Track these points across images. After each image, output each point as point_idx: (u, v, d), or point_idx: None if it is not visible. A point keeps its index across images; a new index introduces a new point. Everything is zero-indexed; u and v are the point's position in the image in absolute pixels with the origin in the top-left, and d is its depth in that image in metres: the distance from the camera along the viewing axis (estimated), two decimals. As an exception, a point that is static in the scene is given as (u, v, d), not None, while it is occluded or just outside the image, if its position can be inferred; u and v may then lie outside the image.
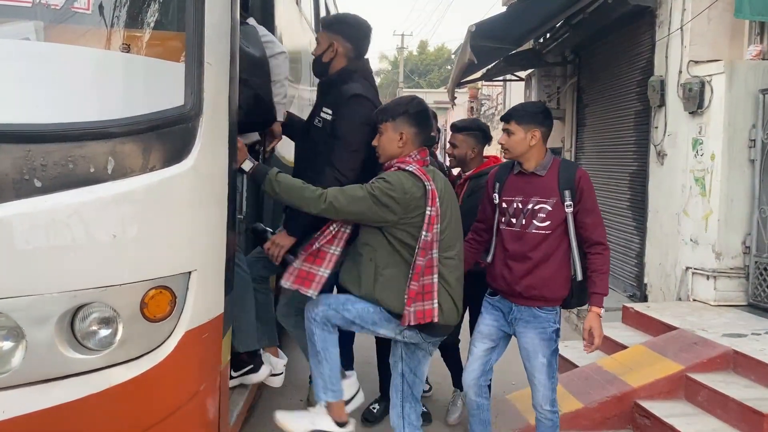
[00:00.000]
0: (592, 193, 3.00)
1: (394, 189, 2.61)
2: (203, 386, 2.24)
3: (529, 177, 3.00)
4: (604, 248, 2.95)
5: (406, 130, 2.74)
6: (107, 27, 2.15)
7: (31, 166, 1.93)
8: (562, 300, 3.02)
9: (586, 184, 2.97)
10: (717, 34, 5.66)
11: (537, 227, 2.92)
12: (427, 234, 2.63)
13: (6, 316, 1.94)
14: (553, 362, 3.04)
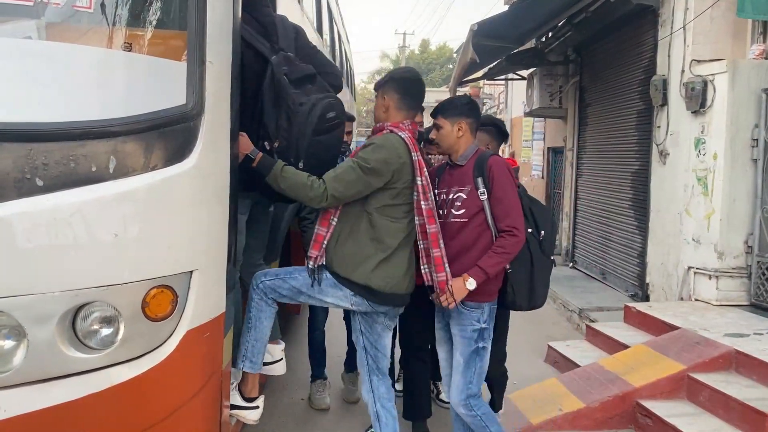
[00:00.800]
0: (503, 180, 2.87)
1: (385, 150, 2.70)
2: (204, 385, 2.24)
3: (454, 168, 3.01)
4: (512, 234, 2.81)
5: (389, 96, 2.86)
6: (109, 26, 2.15)
7: (32, 165, 1.93)
8: (490, 297, 2.93)
9: (497, 171, 2.87)
10: (719, 34, 5.65)
11: (454, 216, 2.90)
12: (426, 203, 2.75)
13: (7, 314, 1.94)
14: (473, 363, 2.93)
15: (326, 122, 2.72)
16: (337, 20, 8.59)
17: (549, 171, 11.54)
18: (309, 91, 2.75)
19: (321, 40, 6.23)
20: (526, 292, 2.98)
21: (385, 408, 2.97)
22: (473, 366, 2.93)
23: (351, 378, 4.41)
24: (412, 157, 2.75)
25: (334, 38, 8.02)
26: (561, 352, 5.20)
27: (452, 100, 3.12)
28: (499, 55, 9.09)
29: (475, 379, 2.95)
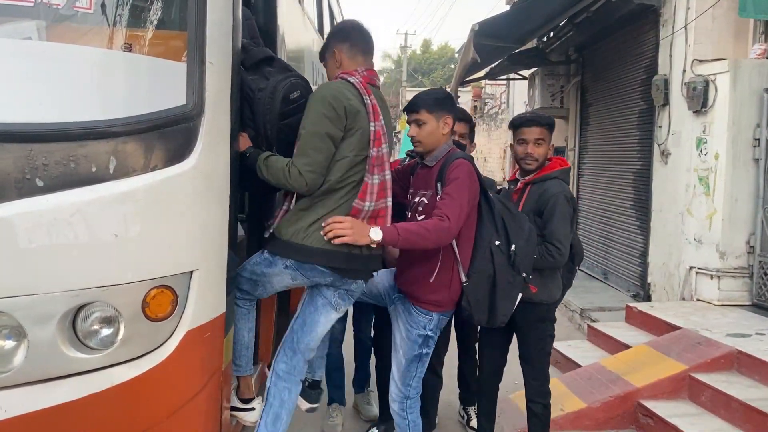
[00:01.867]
0: (459, 182, 2.65)
1: (320, 93, 2.51)
2: (205, 386, 2.24)
3: (423, 169, 2.85)
4: (441, 219, 2.58)
5: (337, 48, 2.70)
6: (109, 26, 2.15)
7: (33, 166, 1.93)
8: (439, 308, 2.78)
9: (456, 173, 2.66)
10: (721, 33, 5.65)
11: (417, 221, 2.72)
12: (378, 150, 2.55)
13: (8, 315, 1.94)
14: (414, 367, 2.87)
15: (291, 104, 2.60)
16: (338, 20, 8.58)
17: (551, 171, 11.50)
18: (269, 73, 2.64)
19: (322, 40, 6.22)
20: (485, 308, 2.78)
21: (277, 387, 2.74)
22: (414, 370, 2.88)
23: (363, 398, 4.17)
24: (364, 100, 2.53)
25: (336, 38, 8.00)
26: (562, 352, 5.19)
27: (430, 93, 2.88)
28: (501, 55, 9.08)
29: (414, 383, 2.90)
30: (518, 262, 2.79)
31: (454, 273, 2.75)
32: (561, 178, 3.18)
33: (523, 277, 2.82)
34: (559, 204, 3.05)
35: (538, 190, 3.14)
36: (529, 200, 3.14)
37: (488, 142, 20.92)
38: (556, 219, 3.05)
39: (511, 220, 2.84)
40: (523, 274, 2.81)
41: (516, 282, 2.81)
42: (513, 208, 2.95)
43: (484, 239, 2.77)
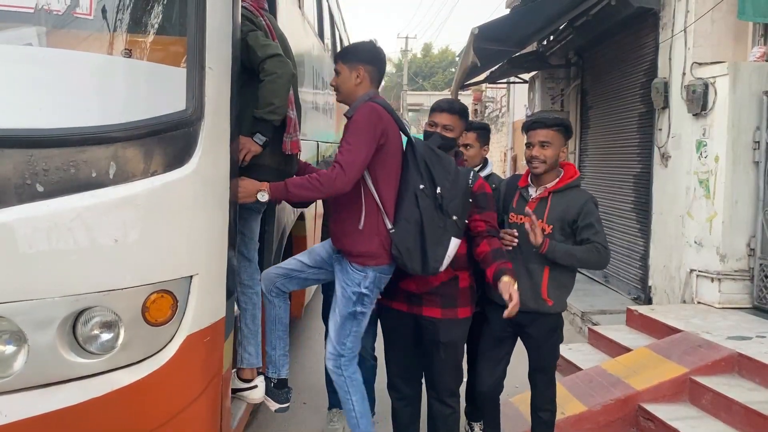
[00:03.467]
0: (353, 126, 2.66)
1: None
2: (205, 390, 2.24)
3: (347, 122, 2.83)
4: (332, 167, 2.59)
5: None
6: (109, 32, 2.16)
7: (33, 171, 1.94)
8: (373, 260, 2.74)
9: (354, 118, 2.67)
10: (721, 36, 5.66)
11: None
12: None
13: (8, 320, 1.95)
14: (349, 325, 2.82)
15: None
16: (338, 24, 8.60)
17: (551, 174, 11.50)
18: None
19: (322, 44, 6.24)
20: (417, 255, 2.70)
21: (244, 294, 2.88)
22: (349, 328, 2.83)
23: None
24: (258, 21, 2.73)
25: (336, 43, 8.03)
26: (563, 355, 5.18)
27: (355, 45, 2.94)
28: (501, 59, 9.10)
29: (348, 342, 2.85)
30: (446, 205, 2.72)
31: (380, 221, 2.73)
32: (580, 185, 3.19)
33: (455, 221, 2.74)
34: (591, 209, 3.06)
35: (563, 198, 3.08)
36: (554, 209, 3.07)
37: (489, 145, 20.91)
38: (595, 222, 3.03)
39: (436, 162, 2.77)
40: (453, 218, 2.73)
41: (447, 226, 2.73)
42: (439, 151, 2.86)
43: (409, 184, 2.73)
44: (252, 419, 3.93)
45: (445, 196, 2.72)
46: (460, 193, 2.78)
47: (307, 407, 4.30)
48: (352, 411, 2.88)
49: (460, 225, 2.78)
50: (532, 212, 3.01)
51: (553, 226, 3.05)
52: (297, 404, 4.36)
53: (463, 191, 2.79)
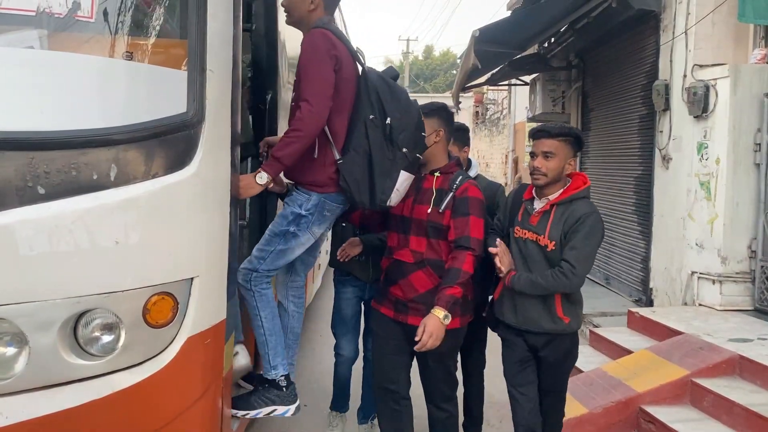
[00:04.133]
0: (303, 58, 2.58)
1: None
2: (205, 392, 2.24)
3: None
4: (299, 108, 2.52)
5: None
6: (110, 35, 2.17)
7: (34, 173, 1.95)
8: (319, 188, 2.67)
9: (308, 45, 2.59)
10: (721, 38, 5.66)
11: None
12: None
13: (9, 322, 1.95)
14: (273, 242, 2.69)
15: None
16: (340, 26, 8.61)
17: (552, 176, 11.49)
18: None
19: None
20: (365, 187, 2.62)
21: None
22: (274, 245, 2.69)
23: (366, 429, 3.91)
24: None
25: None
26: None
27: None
28: (502, 61, 9.10)
29: (268, 260, 2.70)
30: (395, 137, 2.64)
31: (328, 152, 2.66)
32: (587, 196, 2.91)
33: (405, 153, 2.66)
34: (588, 223, 2.77)
35: (565, 211, 2.83)
36: (556, 223, 2.84)
37: (490, 148, 20.92)
38: (579, 236, 2.75)
39: (387, 93, 2.68)
40: (403, 150, 2.65)
41: (397, 159, 2.65)
42: (392, 82, 2.75)
43: (359, 114, 2.65)
44: (252, 421, 3.93)
45: (394, 127, 2.65)
46: (411, 125, 2.70)
47: (308, 409, 4.29)
48: (261, 328, 2.74)
49: (410, 158, 2.69)
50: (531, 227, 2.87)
51: (555, 242, 2.80)
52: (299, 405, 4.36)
53: (415, 124, 2.72)
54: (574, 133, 2.91)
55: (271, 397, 2.78)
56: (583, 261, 2.75)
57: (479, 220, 2.83)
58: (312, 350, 5.45)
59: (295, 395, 2.86)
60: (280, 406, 2.80)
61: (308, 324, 5.95)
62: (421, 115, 2.78)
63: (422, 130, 2.77)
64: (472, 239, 2.78)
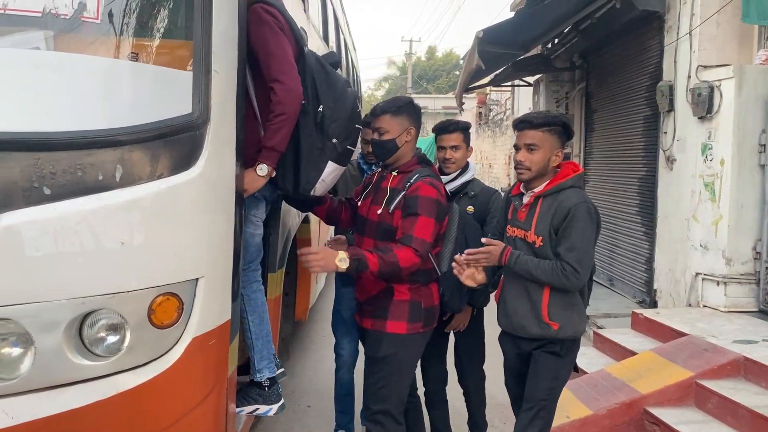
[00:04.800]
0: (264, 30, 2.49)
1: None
2: (210, 393, 2.25)
3: None
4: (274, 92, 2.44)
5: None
6: (116, 36, 2.17)
7: (40, 174, 1.95)
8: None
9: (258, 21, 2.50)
10: (726, 39, 5.65)
11: None
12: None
13: (15, 322, 1.96)
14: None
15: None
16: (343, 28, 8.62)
17: (556, 177, 11.49)
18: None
19: (327, 47, 6.25)
20: (290, 174, 2.57)
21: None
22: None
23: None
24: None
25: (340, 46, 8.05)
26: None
27: None
28: (505, 62, 9.09)
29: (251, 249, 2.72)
30: (326, 126, 2.57)
31: (254, 128, 2.57)
32: (577, 185, 2.69)
33: (334, 144, 2.59)
34: (580, 215, 2.56)
35: (553, 203, 2.63)
36: (543, 217, 2.64)
37: (493, 149, 20.91)
38: (575, 233, 2.55)
39: (323, 78, 2.61)
40: (333, 140, 2.59)
41: (326, 149, 2.58)
42: (329, 68, 2.67)
43: None
44: (257, 422, 3.93)
45: (326, 116, 2.58)
46: (344, 115, 2.62)
47: (312, 410, 4.30)
48: (248, 331, 2.73)
49: (340, 150, 2.62)
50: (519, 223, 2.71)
51: (543, 237, 2.61)
52: (302, 407, 4.37)
53: (349, 115, 2.63)
54: (560, 121, 2.69)
55: (254, 396, 2.78)
56: (585, 262, 2.57)
57: (429, 221, 2.64)
58: (315, 351, 5.45)
59: (278, 395, 2.84)
60: (263, 405, 2.78)
61: (311, 324, 5.96)
62: (358, 106, 2.69)
63: (357, 122, 2.70)
64: (415, 239, 2.60)
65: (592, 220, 2.59)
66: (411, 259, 2.59)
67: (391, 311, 2.74)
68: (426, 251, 2.66)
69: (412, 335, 2.76)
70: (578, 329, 2.70)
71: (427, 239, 2.64)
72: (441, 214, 2.71)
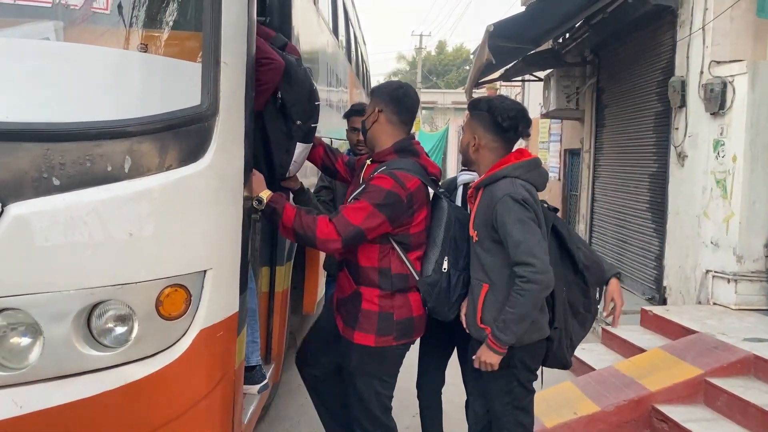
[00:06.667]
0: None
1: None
2: (217, 384, 2.25)
3: None
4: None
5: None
6: (125, 27, 2.17)
7: (49, 165, 1.95)
8: None
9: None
10: (740, 34, 5.58)
11: None
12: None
13: (24, 312, 1.96)
14: None
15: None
16: (353, 21, 8.60)
17: (566, 173, 11.47)
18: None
19: (337, 41, 6.24)
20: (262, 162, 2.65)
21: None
22: None
23: None
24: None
25: (350, 40, 8.03)
26: (576, 356, 5.15)
27: None
28: (516, 56, 9.04)
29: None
30: (288, 110, 2.55)
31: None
32: (512, 175, 2.50)
33: (299, 126, 2.59)
34: (506, 208, 2.41)
35: (487, 195, 2.52)
36: (480, 210, 2.54)
37: (503, 144, 20.82)
38: (510, 227, 2.39)
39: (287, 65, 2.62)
40: (297, 123, 2.59)
41: (292, 132, 2.55)
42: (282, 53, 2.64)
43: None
44: (264, 414, 3.94)
45: (286, 100, 2.59)
46: (302, 97, 2.62)
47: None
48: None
49: (305, 129, 2.62)
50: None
51: (478, 231, 2.51)
52: (308, 401, 4.35)
53: (307, 95, 2.63)
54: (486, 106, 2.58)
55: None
56: (537, 250, 2.36)
57: (367, 207, 2.48)
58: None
59: (262, 375, 2.82)
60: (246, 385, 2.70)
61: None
62: (313, 84, 2.68)
63: (315, 100, 2.71)
64: (341, 216, 2.49)
65: (523, 207, 2.41)
66: (328, 235, 2.46)
67: (360, 321, 2.63)
68: (349, 236, 2.48)
69: (383, 348, 2.64)
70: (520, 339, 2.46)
71: (355, 223, 2.47)
72: (390, 207, 2.50)
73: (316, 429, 3.93)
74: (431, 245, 2.65)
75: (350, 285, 2.69)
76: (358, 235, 2.50)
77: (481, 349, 2.48)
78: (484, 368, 2.49)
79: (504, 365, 2.49)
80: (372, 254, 2.61)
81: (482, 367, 2.49)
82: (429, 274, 2.61)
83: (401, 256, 2.61)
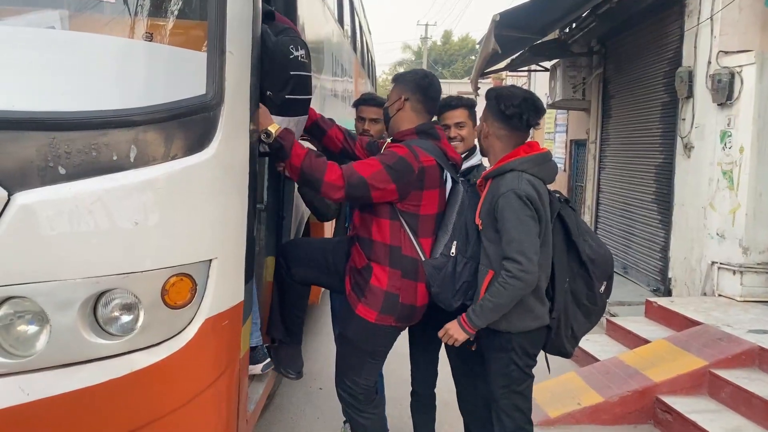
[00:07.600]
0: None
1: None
2: (223, 373, 2.26)
3: None
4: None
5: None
6: (130, 16, 2.16)
7: (55, 154, 1.95)
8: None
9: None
10: (748, 24, 5.54)
11: None
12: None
13: (31, 300, 1.97)
14: None
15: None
16: (358, 11, 8.57)
17: (571, 164, 11.44)
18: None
19: (342, 30, 6.21)
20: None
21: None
22: None
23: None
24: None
25: (356, 29, 8.00)
26: (580, 346, 5.15)
27: None
28: (522, 46, 9.01)
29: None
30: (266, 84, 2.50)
31: None
32: (520, 169, 2.54)
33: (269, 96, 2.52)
34: (507, 204, 2.46)
35: (494, 186, 2.57)
36: (486, 200, 2.58)
37: (508, 135, 20.77)
38: (508, 224, 2.45)
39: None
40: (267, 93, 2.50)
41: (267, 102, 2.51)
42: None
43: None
44: (269, 402, 3.97)
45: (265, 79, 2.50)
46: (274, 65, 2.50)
47: (323, 392, 4.33)
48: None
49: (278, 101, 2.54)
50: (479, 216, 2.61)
51: (483, 221, 2.56)
52: (313, 389, 4.40)
53: (279, 64, 2.50)
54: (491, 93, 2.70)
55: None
56: (527, 249, 2.42)
57: (377, 164, 2.54)
58: (327, 334, 5.46)
59: (264, 354, 2.86)
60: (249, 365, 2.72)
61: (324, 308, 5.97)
62: (291, 53, 2.52)
63: (291, 69, 2.54)
64: (349, 166, 2.54)
65: (525, 205, 2.45)
66: (335, 180, 2.49)
67: (366, 295, 2.69)
68: (353, 184, 2.50)
69: (381, 326, 2.70)
70: (514, 324, 2.54)
71: (361, 174, 2.51)
72: (400, 173, 2.55)
73: (320, 417, 3.96)
74: (443, 229, 2.69)
75: (362, 259, 2.72)
76: (362, 185, 2.52)
77: (452, 323, 2.57)
78: (445, 339, 2.60)
79: (502, 348, 2.58)
80: (383, 229, 2.65)
81: (444, 339, 2.61)
82: (436, 257, 2.65)
83: (411, 238, 2.64)
